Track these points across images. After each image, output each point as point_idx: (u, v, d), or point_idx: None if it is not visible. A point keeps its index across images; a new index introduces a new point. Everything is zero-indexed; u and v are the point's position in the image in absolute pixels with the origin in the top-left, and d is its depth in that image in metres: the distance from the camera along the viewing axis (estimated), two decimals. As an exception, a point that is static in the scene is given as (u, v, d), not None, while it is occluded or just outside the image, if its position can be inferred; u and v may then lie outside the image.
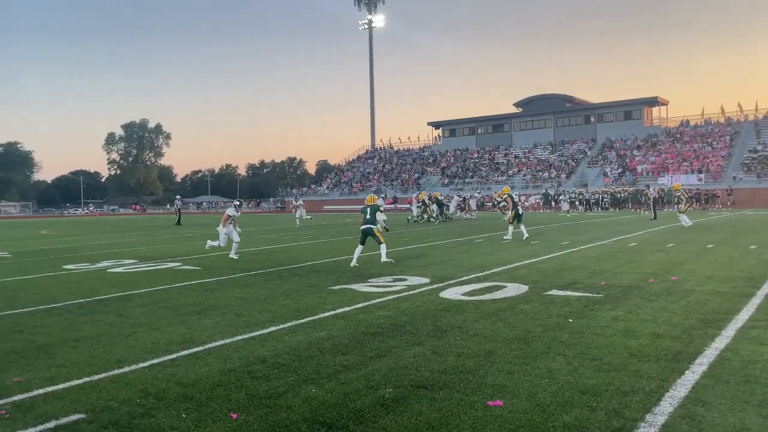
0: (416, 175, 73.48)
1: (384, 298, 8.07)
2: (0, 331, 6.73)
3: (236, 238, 14.44)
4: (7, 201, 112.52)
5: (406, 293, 8.45)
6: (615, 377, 4.55)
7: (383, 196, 46.99)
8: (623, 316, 6.62)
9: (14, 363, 5.37)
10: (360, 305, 7.62)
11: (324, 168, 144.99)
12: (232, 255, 14.24)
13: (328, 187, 78.89)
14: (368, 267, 11.74)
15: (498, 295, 8.13)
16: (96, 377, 4.89)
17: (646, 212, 37.20)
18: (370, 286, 9.23)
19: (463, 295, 8.21)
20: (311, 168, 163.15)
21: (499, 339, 5.76)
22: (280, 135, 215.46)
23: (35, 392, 4.54)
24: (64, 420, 3.96)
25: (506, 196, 17.46)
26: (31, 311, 7.96)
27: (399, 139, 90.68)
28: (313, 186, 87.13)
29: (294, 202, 37.27)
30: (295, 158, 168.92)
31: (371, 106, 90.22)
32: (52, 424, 3.90)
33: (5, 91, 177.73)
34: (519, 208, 17.09)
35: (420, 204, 33.06)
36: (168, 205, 74.76)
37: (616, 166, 58.70)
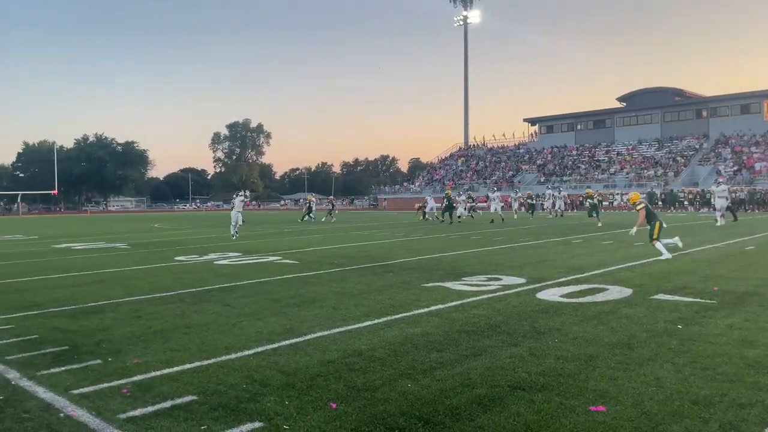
0: (510, 173, 72.04)
1: (478, 297, 8.01)
2: (121, 317, 7.32)
3: (240, 220, 20.12)
4: (125, 196, 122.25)
5: (501, 293, 8.34)
6: (730, 388, 4.24)
7: (465, 192, 46.08)
8: (740, 324, 6.15)
9: (134, 346, 5.83)
10: (454, 303, 7.61)
11: (416, 166, 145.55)
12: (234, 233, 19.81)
13: (419, 185, 79.10)
14: (461, 265, 11.69)
15: (599, 297, 7.83)
16: (206, 362, 5.21)
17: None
18: (464, 284, 9.19)
19: (561, 296, 7.98)
20: (404, 166, 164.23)
21: (601, 343, 5.54)
22: (374, 133, 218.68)
23: (153, 373, 4.90)
24: (179, 400, 4.24)
25: (641, 205, 12.49)
26: (148, 299, 8.59)
27: (493, 136, 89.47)
28: (405, 184, 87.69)
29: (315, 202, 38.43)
30: (387, 156, 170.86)
31: (465, 102, 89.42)
32: (168, 403, 4.19)
33: (121, 91, 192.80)
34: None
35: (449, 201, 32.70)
36: (282, 202, 77.94)
37: (731, 163, 54.52)
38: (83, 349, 5.78)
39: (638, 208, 12.26)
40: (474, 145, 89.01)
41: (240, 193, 21.81)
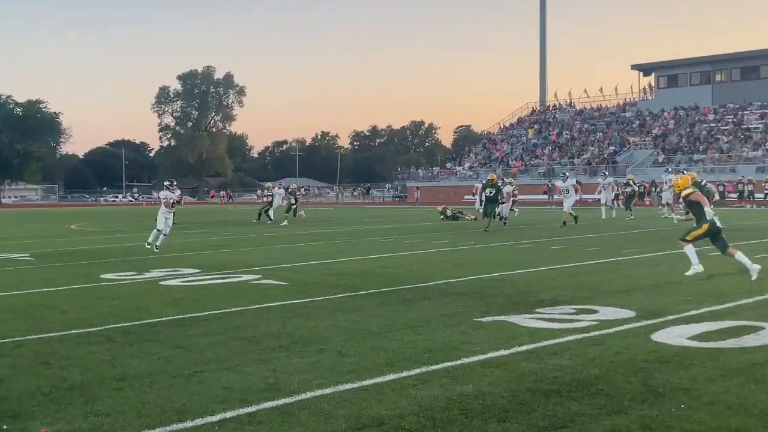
0: (611, 148, 71.61)
1: (562, 339, 7.98)
2: (22, 362, 7.42)
3: (167, 225, 20.62)
4: (26, 182, 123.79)
5: (597, 332, 8.31)
6: None
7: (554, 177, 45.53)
8: None
9: (41, 407, 5.90)
10: (524, 348, 7.60)
11: (465, 138, 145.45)
12: (154, 244, 20.56)
13: (471, 167, 79.02)
14: (536, 290, 11.66)
15: (750, 341, 7.76)
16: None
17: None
18: (540, 319, 9.16)
19: (689, 338, 7.93)
20: (446, 137, 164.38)
21: (753, 411, 5.50)
22: (400, 94, 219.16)
23: None
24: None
25: (688, 191, 13.35)
26: (61, 337, 8.70)
27: (585, 92, 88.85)
28: (449, 165, 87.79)
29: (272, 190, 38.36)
30: (421, 123, 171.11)
31: (541, 40, 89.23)
32: None
33: (21, 27, 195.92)
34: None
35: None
36: (261, 191, 78.23)
37: None
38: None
39: (686, 193, 13.15)
40: (555, 105, 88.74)
41: (166, 184, 21.91)
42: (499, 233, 24.97)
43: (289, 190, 38.02)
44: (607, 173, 41.55)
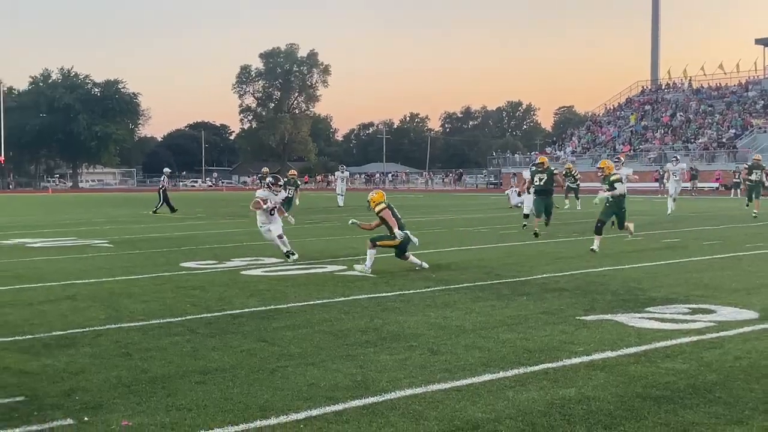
0: (731, 131, 69.61)
1: (675, 341, 7.90)
2: (102, 353, 7.71)
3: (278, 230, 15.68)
4: (105, 166, 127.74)
5: (715, 334, 8.20)
6: None
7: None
8: None
9: (122, 399, 6.13)
10: (632, 350, 7.56)
11: (567, 120, 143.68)
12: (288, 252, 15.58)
13: (573, 151, 78.05)
14: (646, 287, 11.54)
15: None
16: (231, 429, 5.41)
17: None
18: (651, 318, 9.07)
19: (820, 343, 7.70)
20: (545, 120, 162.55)
21: None
22: (494, 72, 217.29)
23: None
24: (191, 487, 4.44)
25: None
26: (141, 327, 9.00)
27: (702, 69, 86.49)
28: (548, 150, 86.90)
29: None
30: (519, 104, 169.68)
31: (653, 16, 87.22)
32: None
33: (99, 7, 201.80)
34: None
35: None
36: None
37: None
38: (47, 401, 6.13)
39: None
40: (668, 84, 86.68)
41: (269, 180, 18.22)
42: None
43: (286, 176, 32.23)
44: (678, 158, 36.71)
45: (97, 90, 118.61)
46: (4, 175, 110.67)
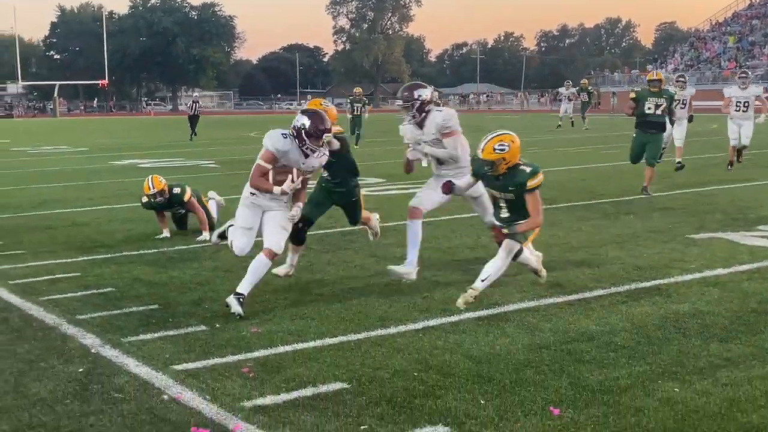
0: None
1: (787, 259, 7.89)
2: (223, 265, 8.11)
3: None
4: (202, 89, 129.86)
5: (829, 253, 8.14)
6: None
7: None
8: None
9: (248, 308, 6.47)
10: (745, 267, 7.58)
11: (668, 36, 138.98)
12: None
13: (675, 69, 75.64)
14: (756, 205, 11.48)
15: None
16: (354, 337, 5.71)
17: None
18: (762, 236, 9.04)
19: None
20: (646, 36, 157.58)
21: None
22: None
23: (280, 348, 5.48)
24: (323, 388, 4.74)
25: None
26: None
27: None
28: (649, 68, 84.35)
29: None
30: (618, 20, 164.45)
31: None
32: (308, 390, 4.70)
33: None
34: None
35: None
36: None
37: None
38: (180, 310, 6.55)
39: None
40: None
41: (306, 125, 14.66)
42: (710, 143, 23.89)
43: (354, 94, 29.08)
44: (686, 79, 19.18)
45: (194, 13, 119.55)
46: (106, 98, 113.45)
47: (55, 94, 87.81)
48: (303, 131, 6.55)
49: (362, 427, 4.19)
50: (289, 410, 4.44)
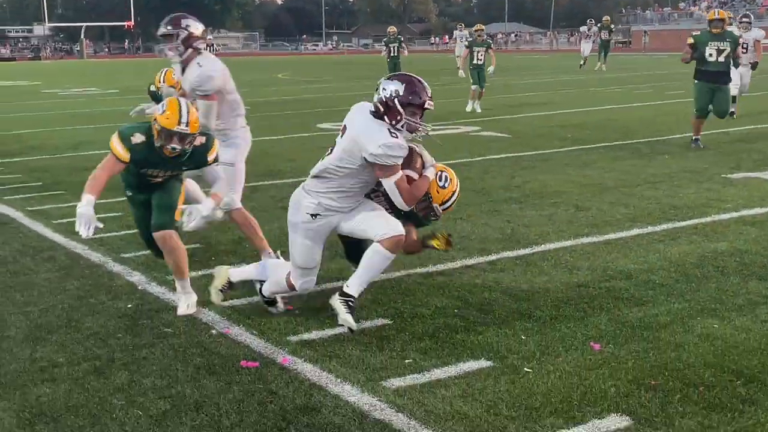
0: None
1: (825, 199, 7.92)
2: (260, 206, 8.27)
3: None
4: (228, 31, 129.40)
5: None
6: None
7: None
8: None
9: (281, 246, 6.56)
10: (783, 206, 7.64)
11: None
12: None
13: (709, 6, 74.23)
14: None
15: None
16: (394, 275, 5.82)
17: None
18: (801, 176, 9.10)
19: None
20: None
21: None
22: None
23: (323, 285, 5.60)
24: (366, 324, 4.87)
25: None
26: (293, 183, 9.34)
27: None
28: (681, 6, 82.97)
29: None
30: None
31: None
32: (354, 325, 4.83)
33: None
34: None
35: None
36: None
37: None
38: (220, 248, 6.80)
39: None
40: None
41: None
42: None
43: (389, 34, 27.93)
44: (750, 19, 16.72)
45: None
46: (132, 40, 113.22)
47: (82, 36, 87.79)
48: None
49: (407, 361, 4.31)
50: (335, 344, 4.58)
